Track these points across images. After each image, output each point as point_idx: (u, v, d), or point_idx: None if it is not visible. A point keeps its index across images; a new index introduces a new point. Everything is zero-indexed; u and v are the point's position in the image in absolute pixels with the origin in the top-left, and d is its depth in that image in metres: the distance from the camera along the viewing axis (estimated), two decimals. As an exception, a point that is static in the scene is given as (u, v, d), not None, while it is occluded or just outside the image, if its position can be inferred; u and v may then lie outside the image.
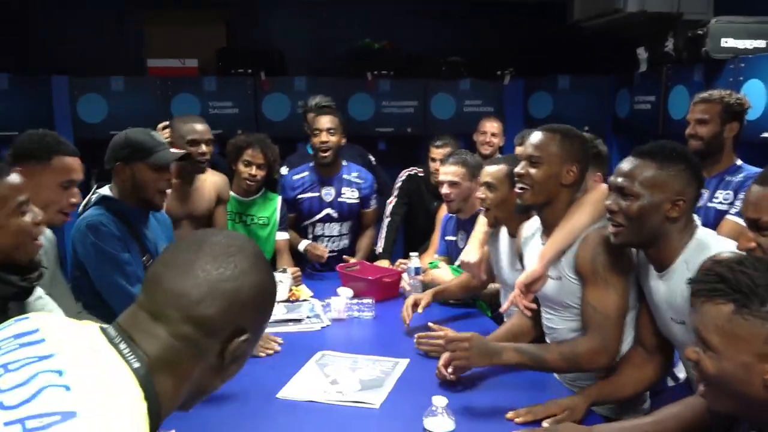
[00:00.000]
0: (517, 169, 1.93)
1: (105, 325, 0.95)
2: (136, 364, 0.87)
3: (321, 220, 3.39)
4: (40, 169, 1.81)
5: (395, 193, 3.60)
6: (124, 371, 0.86)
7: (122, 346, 0.89)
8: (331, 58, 4.76)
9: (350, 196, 3.39)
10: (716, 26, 3.27)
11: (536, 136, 1.92)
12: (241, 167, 3.08)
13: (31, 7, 4.70)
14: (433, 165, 3.45)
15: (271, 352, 2.23)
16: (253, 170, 3.07)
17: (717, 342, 1.09)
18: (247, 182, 3.11)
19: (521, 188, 1.92)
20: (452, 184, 2.72)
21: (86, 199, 2.22)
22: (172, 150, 2.27)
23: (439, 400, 1.47)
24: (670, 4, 3.85)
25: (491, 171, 2.33)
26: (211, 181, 2.99)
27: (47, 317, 0.98)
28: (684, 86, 3.61)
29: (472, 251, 2.56)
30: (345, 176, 3.39)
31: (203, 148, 2.80)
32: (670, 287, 1.65)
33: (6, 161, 1.82)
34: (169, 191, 2.28)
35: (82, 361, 0.87)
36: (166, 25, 4.50)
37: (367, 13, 5.00)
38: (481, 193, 2.35)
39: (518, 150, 2.92)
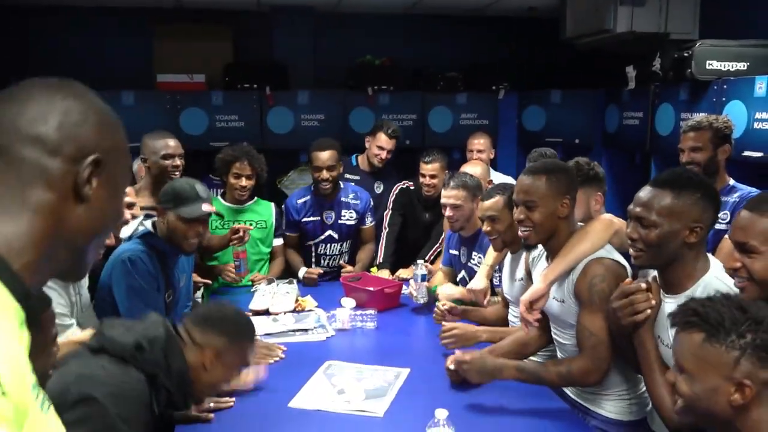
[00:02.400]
0: (517, 216, 2.02)
1: None
2: None
3: (323, 241, 3.52)
4: None
5: (390, 206, 3.71)
6: None
7: None
8: (333, 74, 4.84)
9: (349, 217, 3.52)
10: (701, 49, 3.35)
11: (526, 181, 2.00)
12: (232, 180, 3.23)
13: (38, 20, 4.76)
14: (422, 180, 3.56)
15: (276, 359, 2.33)
16: (243, 182, 3.23)
17: (690, 366, 1.23)
18: (239, 192, 3.25)
19: (525, 231, 2.01)
20: (455, 207, 2.82)
21: (132, 229, 2.39)
22: (204, 207, 2.38)
23: (441, 413, 1.55)
24: (657, 24, 3.94)
25: (490, 205, 2.45)
26: None
27: None
28: (670, 104, 3.70)
29: (478, 280, 2.70)
30: (343, 199, 3.50)
31: (176, 161, 2.94)
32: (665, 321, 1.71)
33: None
34: (197, 240, 2.42)
35: None
36: (174, 40, 4.57)
37: (367, 30, 5.10)
38: (486, 225, 2.47)
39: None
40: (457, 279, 3.02)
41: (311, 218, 3.47)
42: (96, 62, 4.71)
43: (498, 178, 3.82)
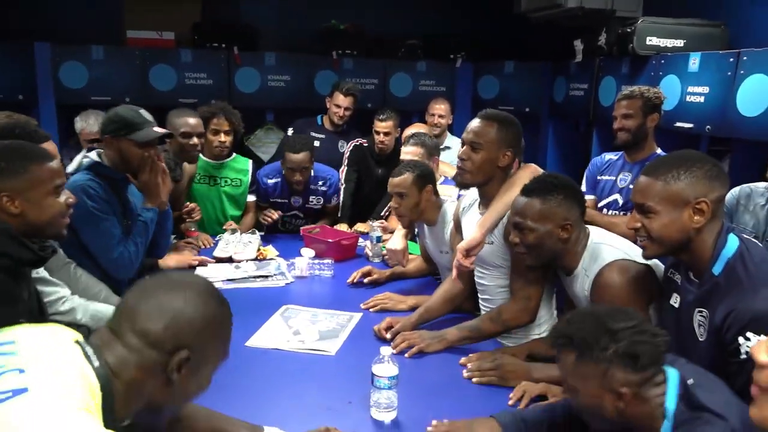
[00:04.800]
0: (459, 154, 2.02)
1: (80, 340, 1.00)
2: (96, 363, 0.95)
3: (289, 216, 3.45)
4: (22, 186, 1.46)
5: (345, 162, 3.66)
6: (84, 364, 0.93)
7: (88, 350, 0.96)
8: (299, 37, 4.73)
9: (316, 202, 3.43)
10: (642, 26, 3.37)
11: (477, 124, 2.00)
12: (210, 136, 3.11)
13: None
14: (377, 137, 3.54)
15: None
16: (222, 137, 3.12)
17: (573, 383, 1.26)
18: (218, 148, 3.14)
19: (462, 170, 2.01)
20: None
21: (77, 162, 2.24)
22: (155, 129, 2.27)
23: (386, 350, 1.57)
24: (604, 1, 3.94)
25: (398, 181, 2.38)
26: (187, 170, 3.01)
27: (26, 332, 1.00)
28: (613, 77, 3.73)
29: (395, 241, 2.70)
30: (312, 187, 3.36)
31: (194, 140, 2.82)
32: (574, 291, 1.81)
33: None
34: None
35: (45, 359, 0.91)
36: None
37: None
38: (393, 202, 2.42)
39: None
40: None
41: (279, 200, 3.37)
42: (67, 15, 4.50)
43: (455, 142, 3.82)
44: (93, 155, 2.24)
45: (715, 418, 1.13)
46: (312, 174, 3.32)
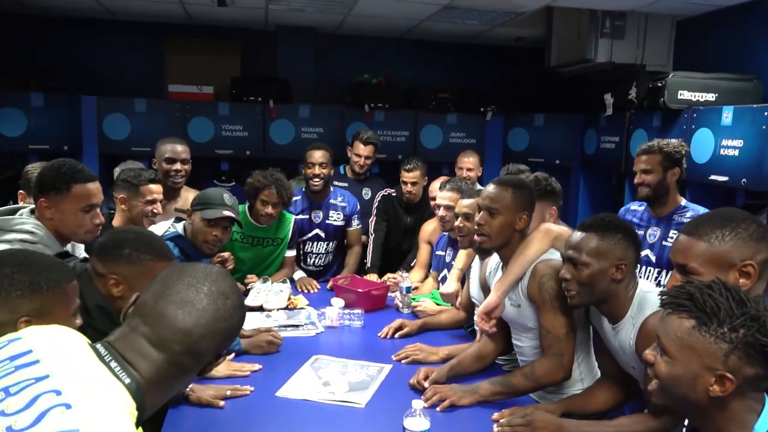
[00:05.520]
0: (478, 220, 2.05)
1: (92, 342, 1.00)
2: (127, 380, 0.95)
3: (310, 239, 3.53)
4: (61, 198, 1.91)
5: (374, 212, 3.72)
6: (117, 387, 0.93)
7: (113, 364, 0.96)
8: (332, 90, 4.88)
9: (336, 218, 3.53)
10: (674, 80, 3.40)
11: (493, 190, 2.04)
12: (259, 205, 3.11)
13: (58, 31, 4.79)
14: (404, 187, 3.59)
15: (275, 349, 2.36)
16: (270, 209, 3.10)
17: (674, 350, 1.15)
18: (264, 219, 3.15)
19: (481, 235, 2.04)
20: (448, 207, 2.84)
21: (163, 230, 2.46)
22: (225, 212, 2.47)
23: (418, 403, 1.56)
24: (634, 56, 4.01)
25: (469, 203, 2.48)
26: (189, 199, 3.06)
27: (38, 335, 1.00)
28: (644, 130, 3.74)
29: (449, 283, 2.73)
30: (332, 201, 3.54)
31: (177, 165, 2.97)
32: (620, 340, 1.77)
33: (33, 193, 1.98)
34: (218, 244, 2.52)
35: (76, 380, 0.90)
36: (185, 53, 4.60)
37: (366, 51, 5.16)
38: (459, 222, 2.48)
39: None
40: (439, 278, 3.04)
41: (300, 216, 3.47)
42: (111, 72, 4.74)
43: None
44: (179, 227, 2.47)
45: None
46: (331, 189, 3.54)
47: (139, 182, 2.49)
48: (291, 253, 3.35)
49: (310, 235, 3.51)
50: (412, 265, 3.49)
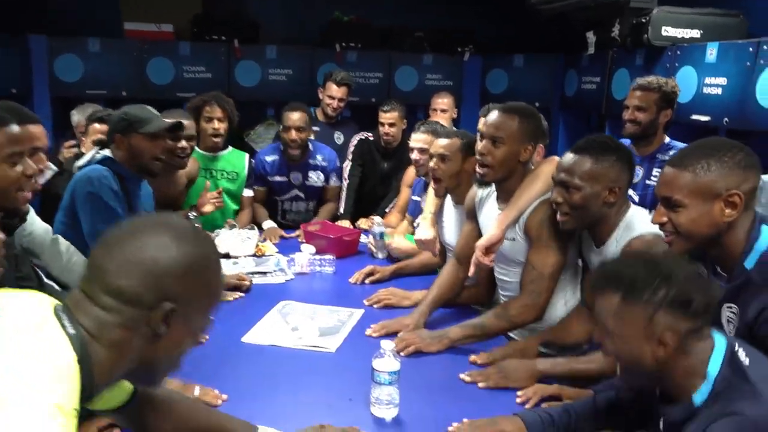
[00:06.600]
0: (480, 149, 1.98)
1: (59, 304, 0.95)
2: (72, 331, 0.89)
3: (289, 199, 3.46)
4: None
5: (349, 157, 3.65)
6: (60, 334, 0.88)
7: (63, 317, 0.91)
8: (302, 30, 4.74)
9: (316, 179, 3.45)
10: (657, 16, 3.35)
11: (498, 117, 1.96)
12: (204, 124, 3.11)
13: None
14: (381, 128, 3.53)
15: (244, 287, 2.39)
16: (215, 124, 3.11)
17: (612, 327, 1.21)
18: (212, 138, 3.13)
19: (483, 165, 1.98)
20: (422, 150, 2.77)
21: (89, 157, 2.29)
22: (168, 120, 2.34)
23: (387, 344, 1.55)
24: (618, -9, 3.94)
25: (445, 144, 2.36)
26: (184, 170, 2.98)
27: (9, 297, 0.96)
28: (626, 69, 3.71)
29: (425, 229, 2.65)
30: (311, 161, 3.42)
31: (183, 142, 2.76)
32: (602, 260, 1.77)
33: None
34: (164, 156, 2.33)
35: (22, 329, 0.87)
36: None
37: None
38: (433, 164, 2.38)
39: (482, 122, 2.98)
40: (415, 223, 3.01)
41: (278, 177, 3.39)
42: (63, 8, 4.52)
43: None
44: (106, 152, 2.30)
45: (758, 394, 1.10)
46: (311, 148, 3.39)
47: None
48: (249, 193, 3.31)
49: (288, 195, 3.45)
50: (387, 211, 3.47)
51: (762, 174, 2.20)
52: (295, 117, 3.25)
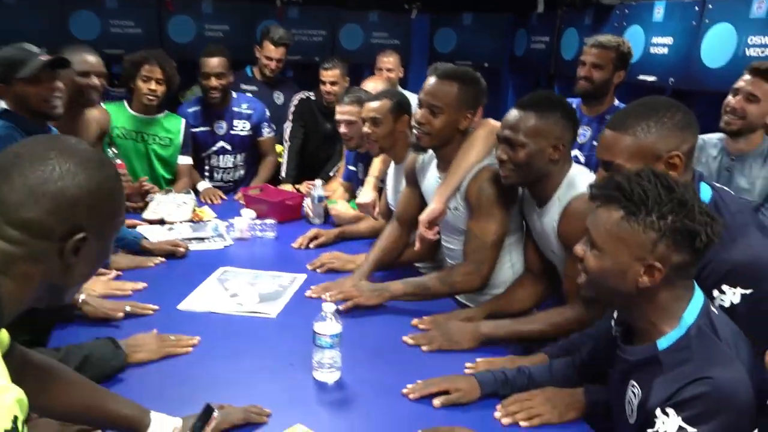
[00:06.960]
0: (418, 118, 1.93)
1: None
2: None
3: (215, 153, 3.31)
4: None
5: (290, 118, 3.53)
6: None
7: None
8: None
9: (242, 128, 3.31)
10: (606, -28, 3.35)
11: (436, 85, 1.90)
12: (140, 83, 2.92)
13: None
14: (323, 87, 3.43)
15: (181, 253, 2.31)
16: (153, 85, 2.91)
17: (603, 242, 1.16)
18: (148, 98, 2.93)
19: (421, 133, 1.93)
20: (349, 123, 2.69)
21: None
22: (42, 57, 2.02)
23: (329, 307, 1.49)
24: (567, -52, 3.91)
25: (374, 107, 2.32)
26: (93, 117, 2.74)
27: None
28: (575, 29, 3.71)
29: (366, 193, 2.63)
30: (235, 108, 3.28)
31: (94, 80, 2.51)
32: (544, 222, 1.77)
33: None
34: (58, 95, 2.06)
35: None
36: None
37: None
38: (367, 128, 2.34)
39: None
40: (357, 194, 2.95)
41: (201, 128, 3.24)
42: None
43: (412, 99, 3.73)
44: (1, 104, 2.07)
45: (731, 359, 1.09)
46: (234, 96, 3.29)
47: None
48: (185, 160, 3.14)
49: (214, 148, 3.29)
50: (331, 174, 3.39)
51: (703, 134, 2.26)
52: (213, 62, 3.10)
